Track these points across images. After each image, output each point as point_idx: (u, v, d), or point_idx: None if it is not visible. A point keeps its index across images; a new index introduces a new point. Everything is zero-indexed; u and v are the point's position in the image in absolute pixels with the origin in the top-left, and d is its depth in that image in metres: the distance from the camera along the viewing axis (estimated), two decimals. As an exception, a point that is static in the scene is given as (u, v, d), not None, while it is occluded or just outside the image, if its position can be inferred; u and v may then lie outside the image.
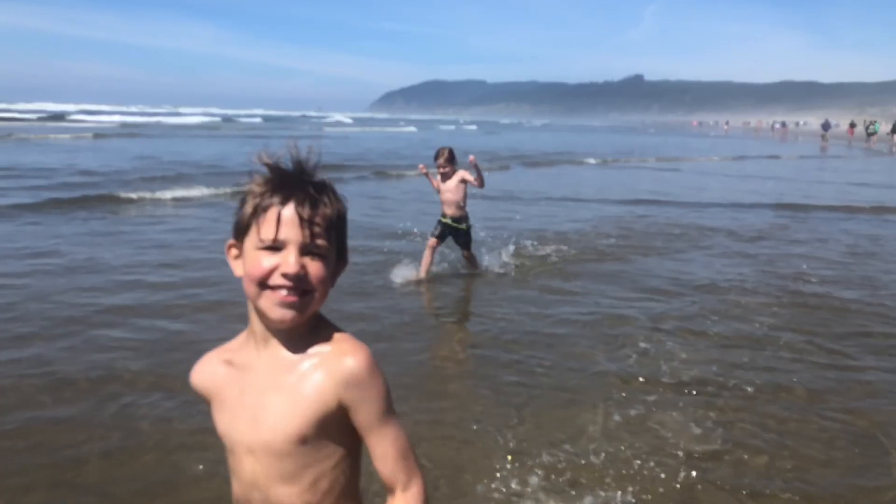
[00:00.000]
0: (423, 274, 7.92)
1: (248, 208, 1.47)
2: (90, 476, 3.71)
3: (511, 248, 9.42)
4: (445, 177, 8.04)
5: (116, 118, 65.07)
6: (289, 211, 1.44)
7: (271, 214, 1.44)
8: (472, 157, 7.89)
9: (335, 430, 1.55)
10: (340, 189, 1.58)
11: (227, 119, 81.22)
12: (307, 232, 1.44)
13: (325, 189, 1.51)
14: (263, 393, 1.55)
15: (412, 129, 75.90)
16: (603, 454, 4.01)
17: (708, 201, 16.44)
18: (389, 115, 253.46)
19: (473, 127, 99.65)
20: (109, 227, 10.79)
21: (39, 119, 56.38)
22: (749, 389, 5.04)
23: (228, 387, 1.61)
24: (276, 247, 1.44)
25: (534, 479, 3.73)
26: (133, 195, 13.69)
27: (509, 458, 3.95)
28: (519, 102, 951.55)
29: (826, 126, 64.96)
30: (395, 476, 1.61)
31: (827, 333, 6.37)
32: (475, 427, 4.34)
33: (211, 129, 53.87)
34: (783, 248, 10.64)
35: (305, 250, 1.46)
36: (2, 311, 6.36)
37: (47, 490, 3.58)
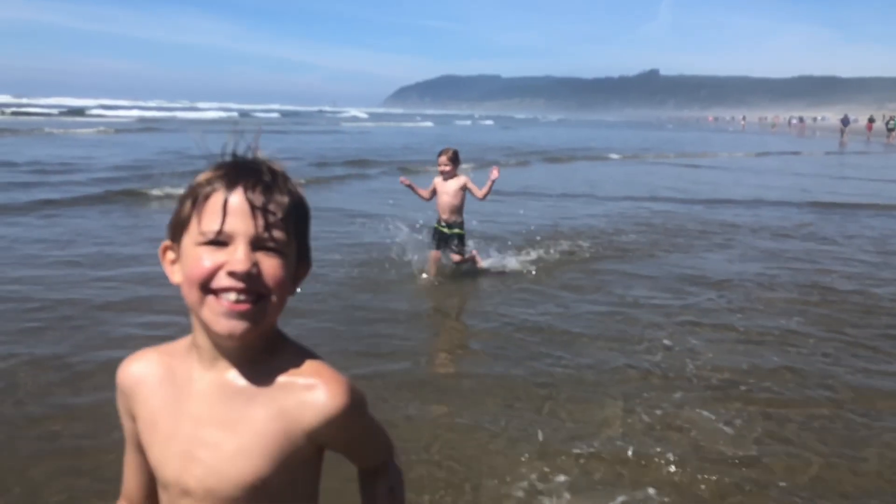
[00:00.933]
0: (431, 276, 7.78)
1: (188, 200, 1.23)
2: (110, 467, 3.66)
3: (530, 244, 9.30)
4: (446, 176, 7.82)
5: (135, 113, 65.44)
6: (237, 197, 1.18)
7: (215, 202, 1.18)
8: (495, 172, 7.63)
9: (302, 468, 1.30)
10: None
11: (243, 114, 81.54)
12: (260, 222, 1.18)
13: (280, 175, 1.26)
14: (203, 426, 1.26)
15: (429, 124, 75.96)
16: (631, 453, 3.92)
17: (731, 198, 16.22)
18: (404, 111, 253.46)
19: (490, 122, 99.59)
20: (133, 222, 10.80)
21: (61, 114, 56.83)
22: (780, 390, 4.91)
23: (163, 402, 1.31)
24: (220, 241, 1.18)
25: (560, 478, 3.66)
26: (157, 191, 13.65)
27: (534, 456, 3.87)
28: (533, 97, 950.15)
29: (845, 121, 64.20)
30: (377, 462, 1.47)
31: (860, 333, 6.20)
32: (498, 425, 4.26)
33: (229, 124, 54.01)
34: (809, 245, 10.46)
35: (258, 244, 1.19)
36: (22, 302, 6.35)
37: (68, 480, 3.56)
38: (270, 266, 1.20)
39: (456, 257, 7.91)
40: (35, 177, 15.46)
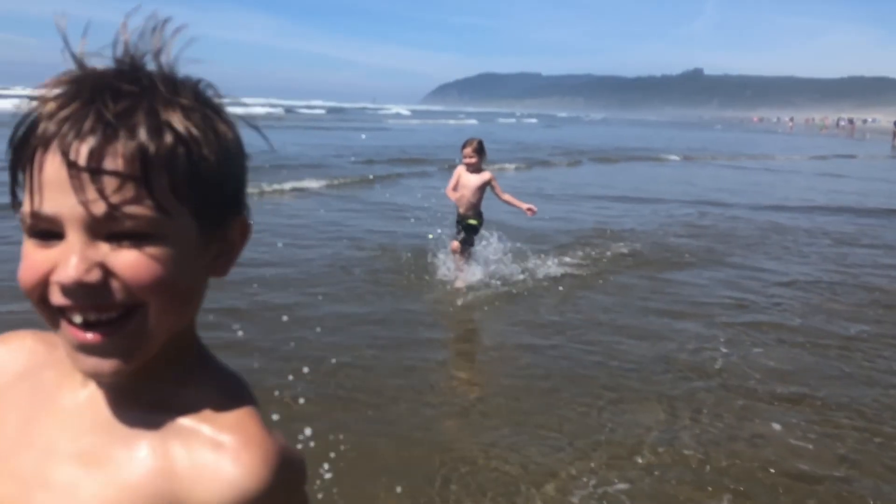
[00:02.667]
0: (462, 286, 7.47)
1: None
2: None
3: (581, 246, 9.19)
4: (471, 169, 7.51)
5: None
6: (52, 158, 0.71)
7: (28, 163, 0.73)
8: (529, 213, 7.58)
9: None
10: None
11: (288, 110, 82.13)
12: (91, 196, 0.70)
13: (147, 96, 0.73)
14: (54, 460, 0.82)
15: (473, 121, 75.76)
16: (696, 464, 3.81)
17: (788, 202, 15.81)
18: (445, 108, 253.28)
19: (533, 120, 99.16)
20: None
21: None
22: (854, 405, 4.67)
23: (12, 408, 0.87)
24: (48, 231, 0.73)
25: (620, 486, 3.57)
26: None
27: (591, 463, 3.78)
28: (574, 96, 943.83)
29: (899, 123, 62.25)
30: None
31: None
32: (552, 431, 4.17)
33: (277, 120, 54.26)
34: (871, 251, 10.14)
35: (101, 231, 0.72)
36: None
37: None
38: (130, 264, 0.73)
39: (454, 244, 7.55)
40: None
